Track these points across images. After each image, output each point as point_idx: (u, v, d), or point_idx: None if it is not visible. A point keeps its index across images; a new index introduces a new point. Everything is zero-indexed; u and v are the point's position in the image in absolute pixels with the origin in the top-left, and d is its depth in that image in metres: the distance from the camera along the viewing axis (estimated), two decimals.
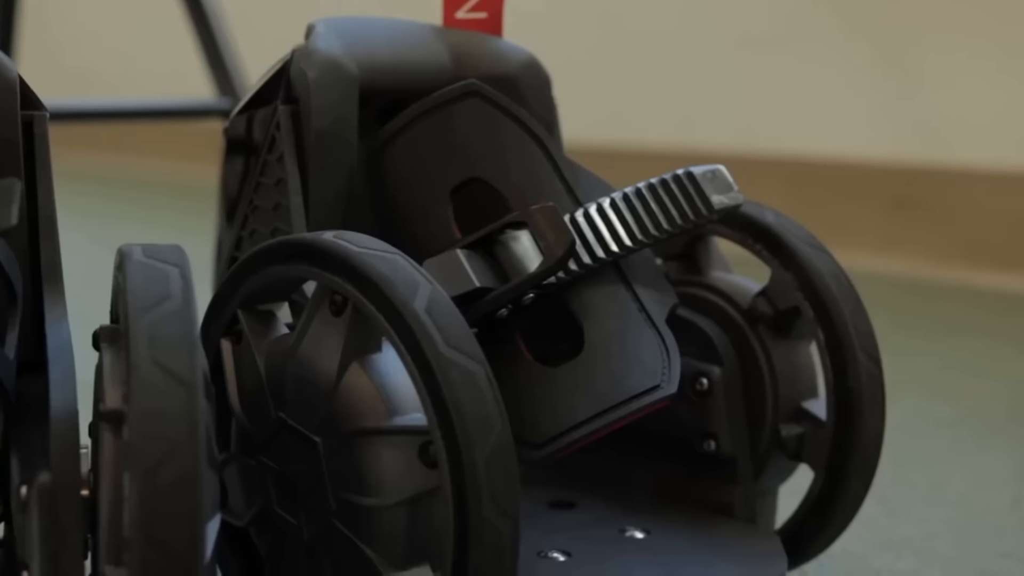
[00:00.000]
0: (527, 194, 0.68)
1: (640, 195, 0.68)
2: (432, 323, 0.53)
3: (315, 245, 0.57)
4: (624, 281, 0.68)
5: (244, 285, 0.61)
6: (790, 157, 2.16)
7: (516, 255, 0.64)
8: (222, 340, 0.63)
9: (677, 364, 0.66)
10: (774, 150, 2.17)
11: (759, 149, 2.19)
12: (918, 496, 1.00)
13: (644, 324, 0.67)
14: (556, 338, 0.68)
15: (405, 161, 0.68)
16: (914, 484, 1.03)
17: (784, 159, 2.16)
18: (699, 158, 2.24)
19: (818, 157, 2.13)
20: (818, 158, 2.13)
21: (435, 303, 0.54)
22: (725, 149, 2.23)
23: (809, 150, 2.14)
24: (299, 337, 0.59)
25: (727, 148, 2.23)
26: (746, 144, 2.21)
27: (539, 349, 0.70)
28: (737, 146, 2.22)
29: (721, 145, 2.24)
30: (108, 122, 1.29)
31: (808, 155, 2.14)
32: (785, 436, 0.72)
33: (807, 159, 2.14)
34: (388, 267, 0.54)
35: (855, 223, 2.07)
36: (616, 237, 0.67)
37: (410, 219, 0.69)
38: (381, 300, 0.54)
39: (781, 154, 2.16)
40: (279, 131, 0.67)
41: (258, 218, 0.70)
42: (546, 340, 0.69)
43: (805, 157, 2.14)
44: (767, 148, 2.18)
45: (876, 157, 2.07)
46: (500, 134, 0.68)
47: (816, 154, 2.13)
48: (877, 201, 2.07)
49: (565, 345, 0.68)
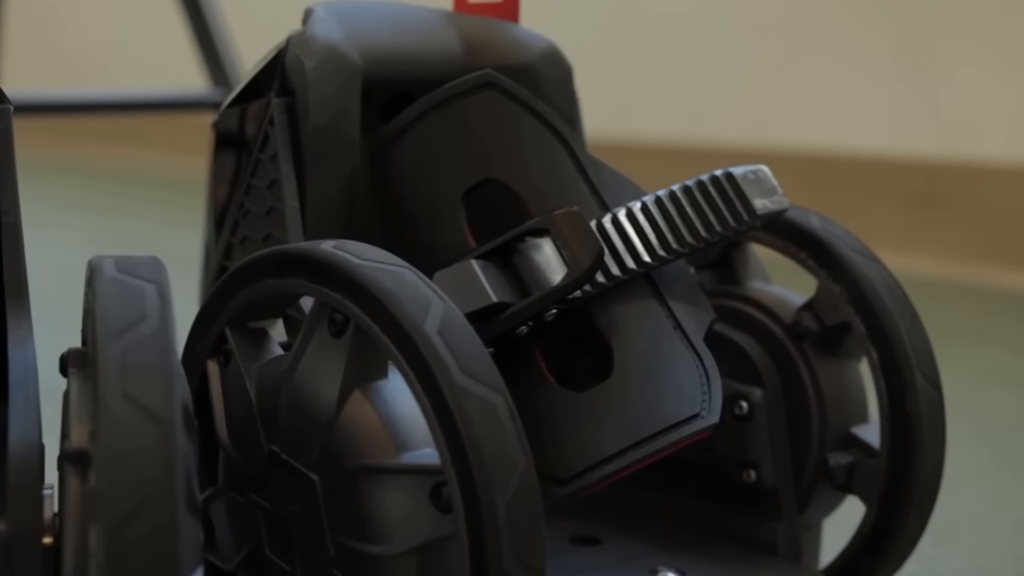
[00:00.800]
0: (549, 197, 0.63)
1: (674, 199, 0.63)
2: (445, 347, 0.49)
3: (312, 257, 0.53)
4: (657, 295, 0.63)
5: (233, 300, 0.57)
6: (805, 152, 2.14)
7: (537, 266, 0.60)
8: (208, 361, 0.59)
9: (718, 389, 0.61)
10: (789, 144, 2.15)
11: (773, 143, 2.17)
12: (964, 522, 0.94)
13: (680, 343, 0.62)
14: (581, 359, 0.65)
15: (413, 160, 0.64)
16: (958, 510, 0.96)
17: (799, 154, 2.14)
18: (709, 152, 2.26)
19: (835, 152, 2.10)
20: (835, 153, 2.11)
21: (449, 324, 0.50)
22: (737, 143, 2.21)
23: (825, 144, 2.12)
24: (294, 360, 0.55)
25: (739, 142, 2.21)
26: (760, 138, 2.19)
27: (562, 371, 0.66)
28: (750, 140, 2.20)
29: (733, 138, 2.22)
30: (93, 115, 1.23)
31: (824, 150, 2.12)
32: (833, 466, 0.68)
33: (823, 154, 2.12)
34: (395, 282, 0.51)
35: (873, 221, 2.05)
36: (648, 246, 0.62)
37: (418, 225, 0.65)
38: (387, 320, 0.50)
39: (796, 148, 2.14)
40: (273, 127, 0.63)
41: (249, 223, 0.66)
42: (570, 361, 0.65)
43: (821, 152, 2.12)
44: (781, 142, 2.16)
45: (895, 152, 2.06)
46: (518, 130, 0.64)
47: (833, 148, 2.11)
48: (896, 198, 2.05)
49: (591, 367, 0.65)
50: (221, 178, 0.69)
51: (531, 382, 0.63)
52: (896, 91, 2.06)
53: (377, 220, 0.67)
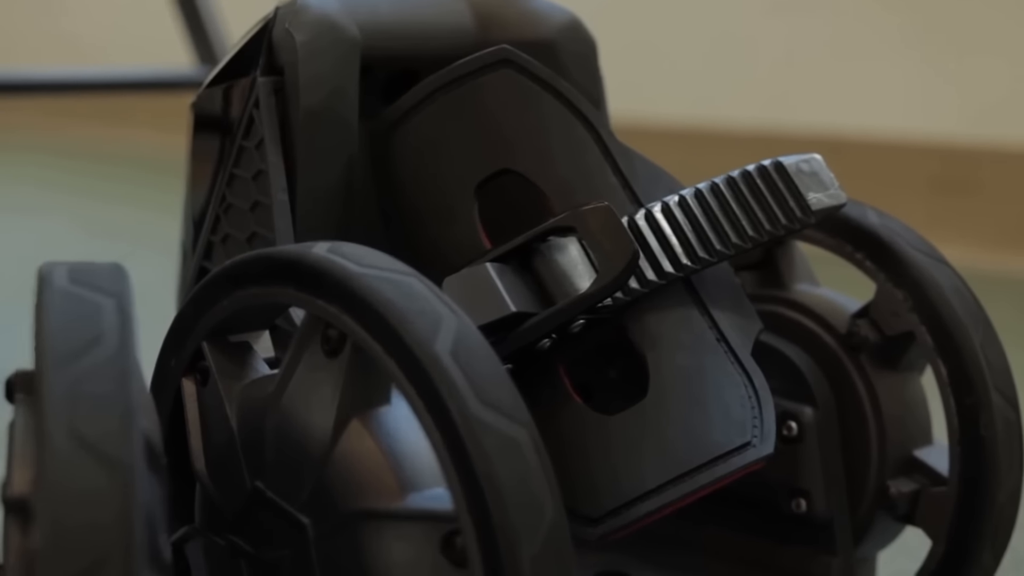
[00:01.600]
0: (574, 190, 0.59)
1: (717, 193, 0.59)
2: (459, 371, 0.44)
3: (303, 262, 0.49)
4: (698, 303, 0.59)
5: (211, 310, 0.53)
6: (820, 134, 2.12)
7: (561, 270, 0.56)
8: (184, 379, 0.55)
9: (771, 412, 0.56)
10: (803, 126, 2.14)
11: (788, 125, 2.15)
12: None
13: (725, 358, 0.57)
14: (612, 376, 0.62)
15: (418, 148, 0.61)
16: None
17: (814, 137, 2.12)
18: (721, 135, 2.22)
19: (852, 134, 2.09)
20: (852, 136, 2.09)
21: (464, 343, 0.45)
22: (751, 125, 2.20)
23: (842, 127, 2.10)
24: (282, 382, 0.51)
25: (753, 124, 2.19)
26: (774, 119, 2.17)
27: (587, 387, 0.62)
28: (764, 122, 2.19)
29: (746, 120, 2.20)
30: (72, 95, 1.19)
31: (841, 132, 2.10)
32: (894, 494, 0.64)
33: (840, 137, 2.10)
34: (400, 293, 0.46)
35: (893, 207, 2.03)
36: (688, 247, 0.58)
37: (425, 223, 0.61)
38: (391, 338, 0.45)
39: (811, 131, 2.13)
40: (258, 110, 0.60)
41: (232, 220, 0.62)
42: (599, 379, 0.62)
43: (837, 135, 2.10)
44: (796, 124, 2.14)
45: (917, 134, 2.03)
46: (539, 113, 0.60)
47: (850, 131, 2.09)
48: (919, 184, 2.02)
49: (623, 384, 0.62)
50: (200, 168, 0.65)
51: (555, 402, 0.58)
52: (918, 69, 2.04)
53: (378, 217, 0.63)
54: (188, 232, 0.65)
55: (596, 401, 0.62)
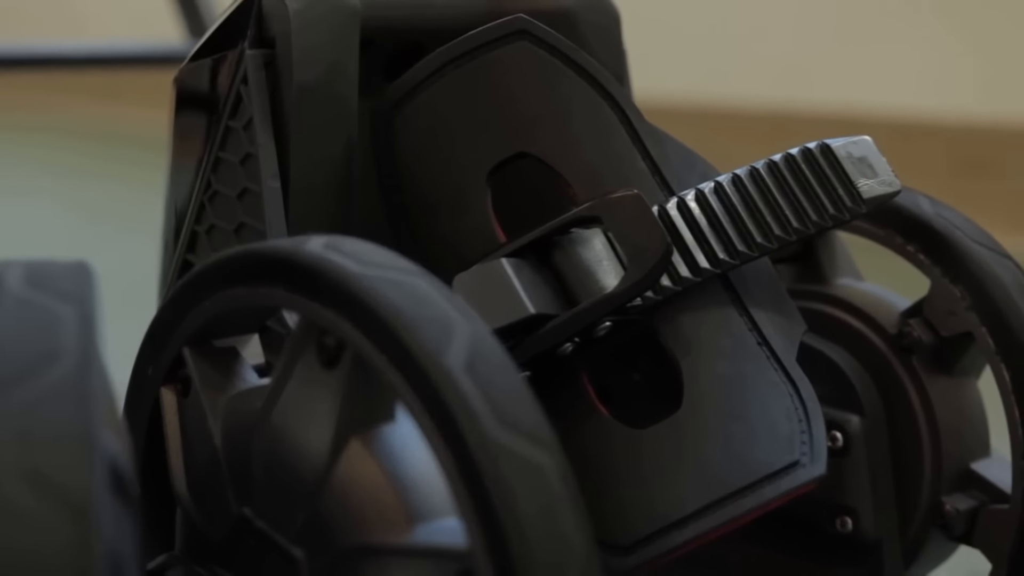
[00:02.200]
0: (598, 176, 0.56)
1: (757, 179, 0.56)
2: (476, 387, 0.41)
3: (296, 260, 0.46)
4: (736, 302, 0.55)
5: (193, 312, 0.50)
6: (835, 113, 2.11)
7: (585, 266, 0.53)
8: (163, 389, 0.52)
9: (820, 427, 0.52)
10: (819, 104, 2.13)
11: (801, 103, 2.15)
12: None
13: (768, 365, 0.54)
14: (641, 384, 0.59)
15: (426, 129, 0.58)
16: None
17: (830, 115, 2.12)
18: (730, 113, 2.20)
19: (869, 114, 2.08)
20: (869, 115, 2.08)
21: (479, 354, 0.42)
22: (762, 103, 2.19)
23: (859, 105, 2.09)
24: (272, 396, 0.48)
25: (765, 101, 2.19)
26: (787, 96, 2.17)
27: (611, 395, 0.58)
28: (776, 99, 2.18)
29: (758, 98, 2.20)
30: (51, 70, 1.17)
31: (858, 112, 2.10)
32: (950, 511, 0.62)
33: (856, 116, 2.09)
34: (406, 296, 0.44)
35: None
36: (725, 240, 0.55)
37: (432, 213, 0.58)
38: (396, 348, 0.43)
39: (827, 109, 2.12)
40: (247, 86, 0.58)
41: (219, 209, 0.59)
42: (622, 382, 0.59)
43: (854, 114, 2.10)
44: (811, 101, 2.14)
45: (937, 113, 2.02)
46: (559, 91, 0.57)
47: (867, 110, 2.09)
48: (939, 165, 2.01)
49: (650, 390, 0.59)
50: (183, 150, 0.62)
51: (578, 414, 0.54)
52: (935, 44, 2.03)
53: (380, 206, 0.61)
54: (170, 222, 0.63)
55: (619, 407, 0.59)
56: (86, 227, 1.92)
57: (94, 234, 1.86)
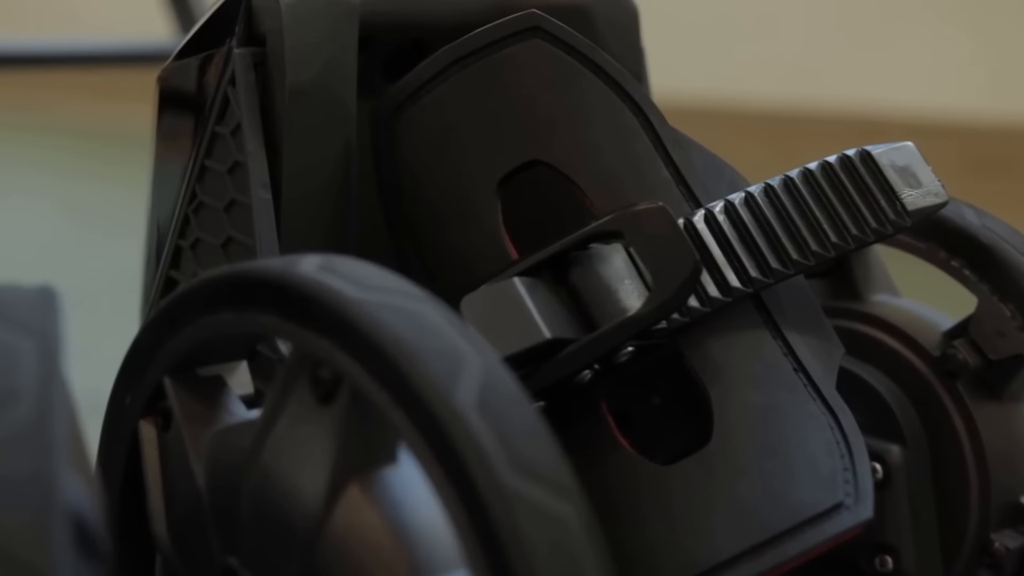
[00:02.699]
0: (618, 186, 0.54)
1: (792, 190, 0.53)
2: (488, 428, 0.39)
3: (287, 284, 0.43)
4: (770, 324, 0.52)
5: (175, 338, 0.47)
6: (846, 113, 2.10)
7: (606, 285, 0.51)
8: (141, 422, 0.49)
9: (865, 464, 0.49)
10: (828, 103, 2.12)
11: (810, 101, 2.13)
12: None
13: (806, 394, 0.51)
14: (661, 409, 0.56)
15: (430, 134, 0.56)
16: None
17: (840, 115, 2.10)
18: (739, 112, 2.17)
19: (880, 113, 2.07)
20: (880, 114, 2.07)
21: (492, 390, 0.40)
22: (768, 101, 2.17)
23: (869, 104, 2.08)
24: (262, 434, 0.45)
25: (771, 100, 2.17)
26: (794, 95, 2.14)
27: (635, 427, 0.55)
28: (784, 98, 2.16)
29: (763, 96, 2.18)
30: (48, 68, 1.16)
31: (868, 110, 2.08)
32: (999, 549, 0.59)
33: (866, 116, 2.08)
34: (411, 325, 0.41)
35: None
36: (758, 257, 0.52)
37: (438, 226, 0.55)
38: (400, 384, 0.40)
39: (836, 108, 2.11)
40: (235, 88, 0.55)
41: (204, 222, 0.57)
42: (646, 412, 0.56)
43: (864, 113, 2.08)
44: (819, 99, 2.13)
45: (950, 112, 2.01)
46: (576, 93, 0.55)
47: (878, 109, 2.07)
48: (953, 166, 2.00)
49: (677, 421, 0.56)
50: (167, 157, 0.59)
51: (598, 448, 0.51)
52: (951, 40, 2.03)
53: (380, 219, 0.58)
54: (152, 235, 0.61)
55: (637, 434, 0.57)
56: (80, 228, 1.91)
57: (88, 235, 1.85)
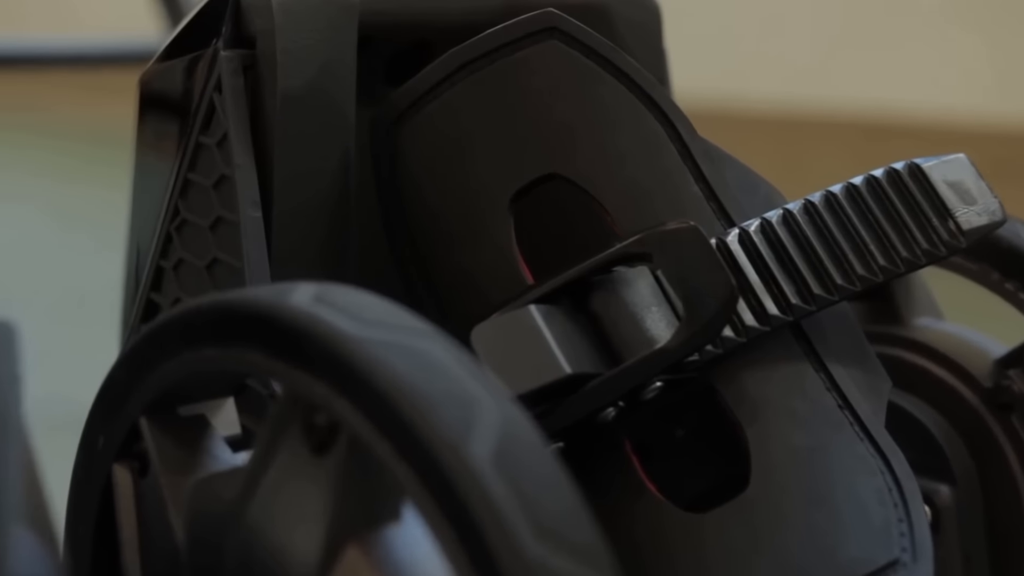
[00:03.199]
0: (643, 203, 0.50)
1: (835, 207, 0.49)
2: (507, 487, 0.36)
3: (277, 317, 0.40)
4: (812, 356, 0.48)
5: (152, 375, 0.44)
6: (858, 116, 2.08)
7: (631, 314, 0.47)
8: (116, 466, 0.45)
9: (921, 514, 0.45)
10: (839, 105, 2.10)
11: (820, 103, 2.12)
12: None
13: (853, 435, 0.47)
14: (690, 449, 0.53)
15: (436, 145, 0.53)
16: None
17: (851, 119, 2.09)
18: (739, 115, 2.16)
19: (893, 115, 2.05)
20: (893, 116, 2.05)
21: (511, 442, 0.37)
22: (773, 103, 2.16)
23: (882, 105, 2.06)
24: (249, 485, 0.41)
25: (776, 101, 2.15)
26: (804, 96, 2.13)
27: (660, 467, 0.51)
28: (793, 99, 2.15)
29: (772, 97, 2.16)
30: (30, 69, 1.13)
31: (881, 112, 2.06)
32: None
33: (879, 119, 2.06)
34: (417, 366, 0.38)
35: None
36: (798, 281, 0.48)
37: (445, 246, 0.52)
38: (404, 434, 0.37)
39: (848, 111, 2.09)
40: (221, 94, 0.53)
41: (188, 241, 0.54)
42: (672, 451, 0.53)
43: (877, 115, 2.07)
44: (830, 101, 2.11)
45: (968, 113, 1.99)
46: (597, 100, 0.51)
47: (891, 110, 2.06)
48: None
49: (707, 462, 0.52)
50: (147, 170, 0.56)
51: (623, 494, 0.48)
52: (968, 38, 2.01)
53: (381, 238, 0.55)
54: (132, 254, 0.57)
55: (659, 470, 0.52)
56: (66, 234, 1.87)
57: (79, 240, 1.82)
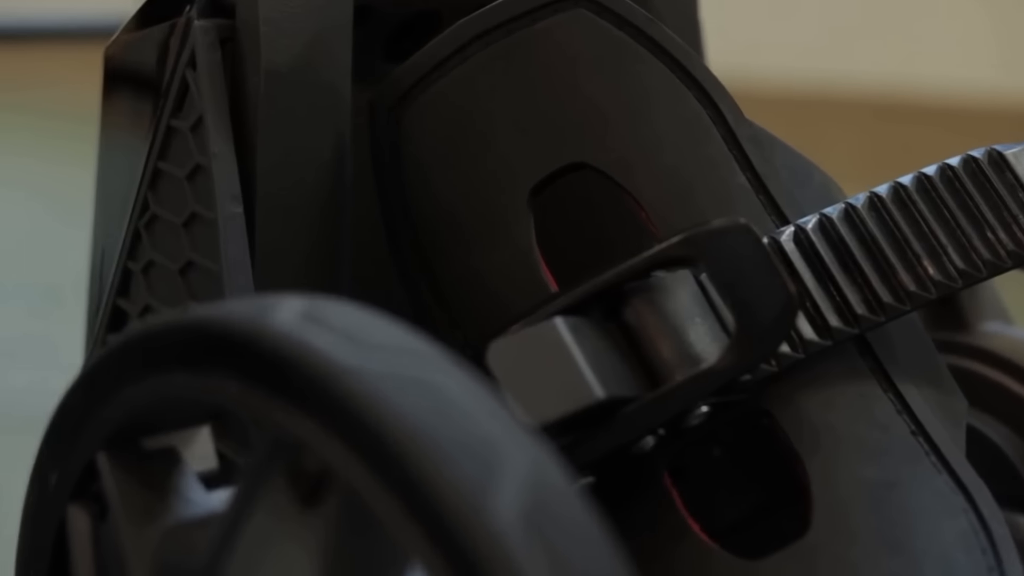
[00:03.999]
0: (683, 197, 0.45)
1: (905, 201, 0.44)
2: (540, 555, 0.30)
3: (257, 341, 0.34)
4: (879, 374, 0.43)
5: (112, 403, 0.39)
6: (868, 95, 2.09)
7: (672, 327, 0.42)
8: (71, 508, 0.41)
9: (1016, 563, 0.40)
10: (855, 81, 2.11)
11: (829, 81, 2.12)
12: None
13: (930, 467, 0.42)
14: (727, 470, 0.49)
15: (444, 130, 0.49)
16: None
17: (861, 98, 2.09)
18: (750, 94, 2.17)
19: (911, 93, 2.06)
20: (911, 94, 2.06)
21: (543, 499, 0.31)
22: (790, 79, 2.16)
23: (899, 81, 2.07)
24: (225, 540, 0.36)
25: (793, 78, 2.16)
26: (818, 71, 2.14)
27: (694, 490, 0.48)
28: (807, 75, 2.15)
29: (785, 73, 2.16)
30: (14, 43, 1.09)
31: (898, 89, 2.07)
32: None
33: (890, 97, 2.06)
34: (427, 403, 0.32)
35: None
36: (864, 288, 0.43)
37: (454, 245, 0.48)
38: (412, 488, 0.32)
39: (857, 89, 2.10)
40: (195, 71, 0.48)
41: (159, 240, 0.49)
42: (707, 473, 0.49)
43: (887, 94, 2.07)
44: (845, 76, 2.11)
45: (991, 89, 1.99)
46: (629, 77, 0.47)
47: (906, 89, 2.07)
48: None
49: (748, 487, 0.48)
50: (113, 156, 0.51)
51: (662, 533, 0.43)
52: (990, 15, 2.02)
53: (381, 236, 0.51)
54: (96, 253, 0.52)
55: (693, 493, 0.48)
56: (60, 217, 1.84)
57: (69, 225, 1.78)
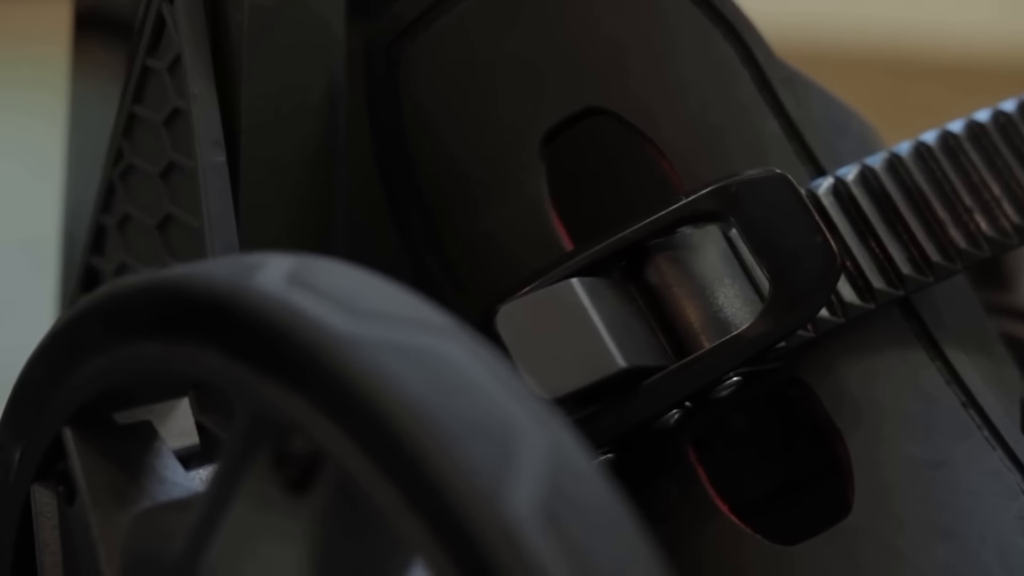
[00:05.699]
0: (710, 145, 0.42)
1: (955, 150, 0.41)
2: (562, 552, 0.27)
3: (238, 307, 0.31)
4: (926, 341, 0.40)
5: (76, 375, 0.35)
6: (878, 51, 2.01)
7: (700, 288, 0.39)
8: (35, 488, 0.37)
9: None
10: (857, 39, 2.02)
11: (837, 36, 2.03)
12: None
13: (983, 443, 0.39)
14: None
15: (448, 72, 0.45)
16: None
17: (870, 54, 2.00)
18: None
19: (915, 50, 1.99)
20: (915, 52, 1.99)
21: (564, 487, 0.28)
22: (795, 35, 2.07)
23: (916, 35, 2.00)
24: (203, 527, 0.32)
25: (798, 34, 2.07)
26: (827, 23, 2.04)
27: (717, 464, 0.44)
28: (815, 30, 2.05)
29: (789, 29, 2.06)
30: None
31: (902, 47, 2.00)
32: None
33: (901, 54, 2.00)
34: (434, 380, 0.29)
35: None
36: (911, 246, 0.40)
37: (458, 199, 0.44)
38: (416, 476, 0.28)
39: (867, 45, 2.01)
40: (171, 4, 0.44)
41: (134, 191, 0.45)
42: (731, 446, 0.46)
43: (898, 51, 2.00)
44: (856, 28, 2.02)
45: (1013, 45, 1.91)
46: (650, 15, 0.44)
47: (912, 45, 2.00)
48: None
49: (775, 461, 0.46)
50: (84, 100, 0.49)
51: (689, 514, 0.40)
52: None
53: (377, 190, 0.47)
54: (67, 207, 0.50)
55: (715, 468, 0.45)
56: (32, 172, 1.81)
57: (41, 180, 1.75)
